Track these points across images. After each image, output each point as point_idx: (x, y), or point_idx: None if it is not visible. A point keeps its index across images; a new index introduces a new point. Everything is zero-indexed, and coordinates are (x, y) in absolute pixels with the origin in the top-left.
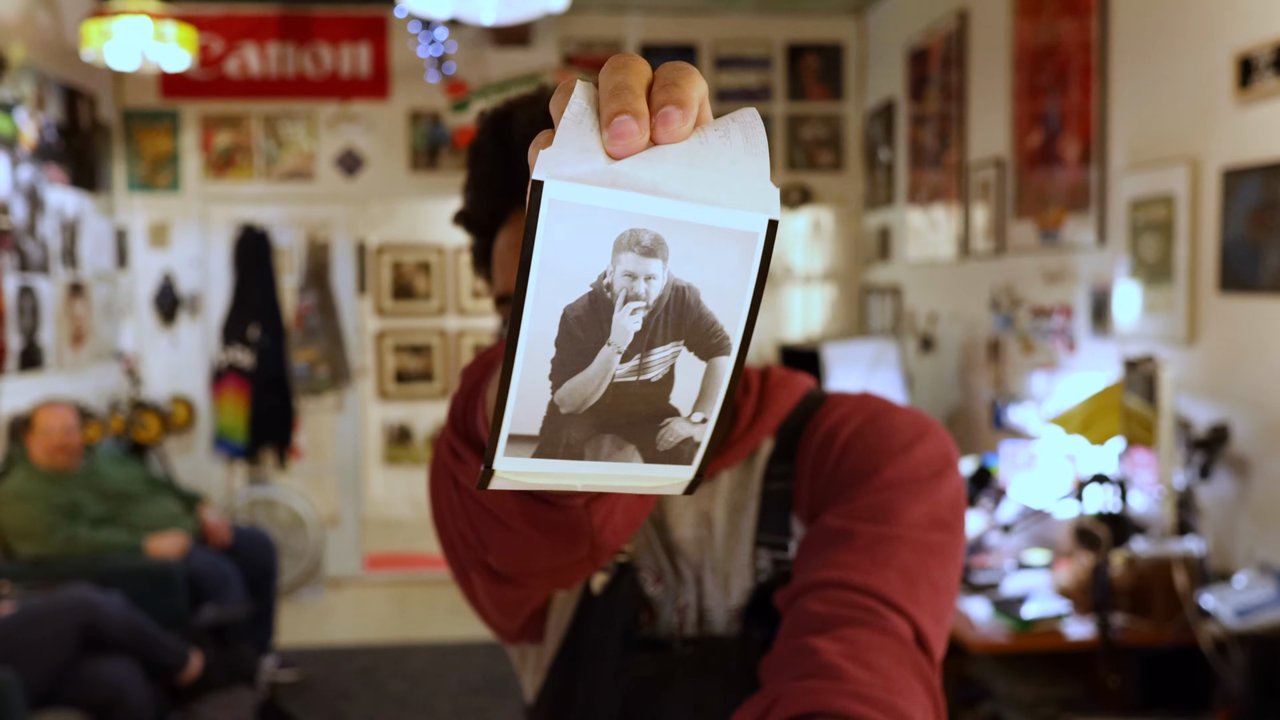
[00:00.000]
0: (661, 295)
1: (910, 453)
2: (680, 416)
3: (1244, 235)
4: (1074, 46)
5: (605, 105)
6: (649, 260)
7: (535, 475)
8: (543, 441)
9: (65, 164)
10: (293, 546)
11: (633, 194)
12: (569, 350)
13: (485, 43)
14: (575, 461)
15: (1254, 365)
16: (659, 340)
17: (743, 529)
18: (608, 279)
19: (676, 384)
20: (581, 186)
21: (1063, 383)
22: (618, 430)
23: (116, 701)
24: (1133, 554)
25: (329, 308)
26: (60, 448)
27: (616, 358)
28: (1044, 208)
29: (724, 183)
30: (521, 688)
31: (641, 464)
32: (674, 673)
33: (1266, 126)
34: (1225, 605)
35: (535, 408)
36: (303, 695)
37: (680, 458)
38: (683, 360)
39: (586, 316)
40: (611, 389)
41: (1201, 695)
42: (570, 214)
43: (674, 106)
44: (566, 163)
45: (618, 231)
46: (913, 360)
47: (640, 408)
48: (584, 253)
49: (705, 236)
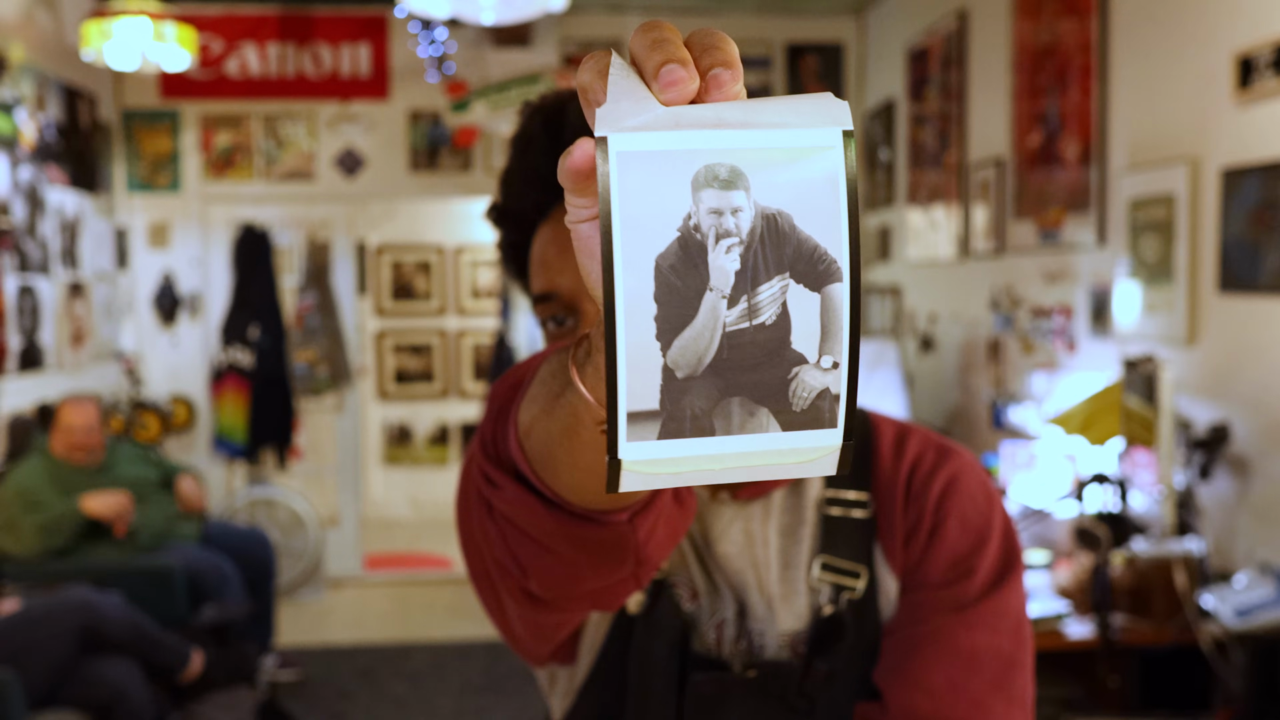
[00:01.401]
0: (753, 226)
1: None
2: (809, 363)
3: (1244, 235)
4: (1074, 46)
5: (649, 58)
6: (731, 193)
7: (668, 464)
8: (666, 417)
9: (65, 164)
10: (293, 546)
11: (699, 131)
12: (671, 304)
13: (485, 43)
14: (707, 439)
15: (1254, 365)
16: (763, 276)
17: (796, 553)
18: (693, 220)
19: (795, 324)
20: (646, 134)
21: (1063, 383)
22: (745, 391)
23: (117, 702)
24: (1133, 554)
25: (329, 308)
26: (80, 445)
27: (723, 303)
28: (1044, 208)
29: (788, 106)
30: (548, 707)
31: (781, 433)
32: (731, 694)
33: (1266, 126)
34: (1225, 605)
35: (649, 376)
36: (303, 695)
37: (821, 419)
38: (794, 295)
39: (680, 263)
40: (725, 341)
41: (1201, 695)
42: (641, 163)
43: (722, 68)
44: (625, 115)
45: (693, 170)
46: (913, 360)
47: (762, 359)
48: (663, 199)
49: (783, 160)
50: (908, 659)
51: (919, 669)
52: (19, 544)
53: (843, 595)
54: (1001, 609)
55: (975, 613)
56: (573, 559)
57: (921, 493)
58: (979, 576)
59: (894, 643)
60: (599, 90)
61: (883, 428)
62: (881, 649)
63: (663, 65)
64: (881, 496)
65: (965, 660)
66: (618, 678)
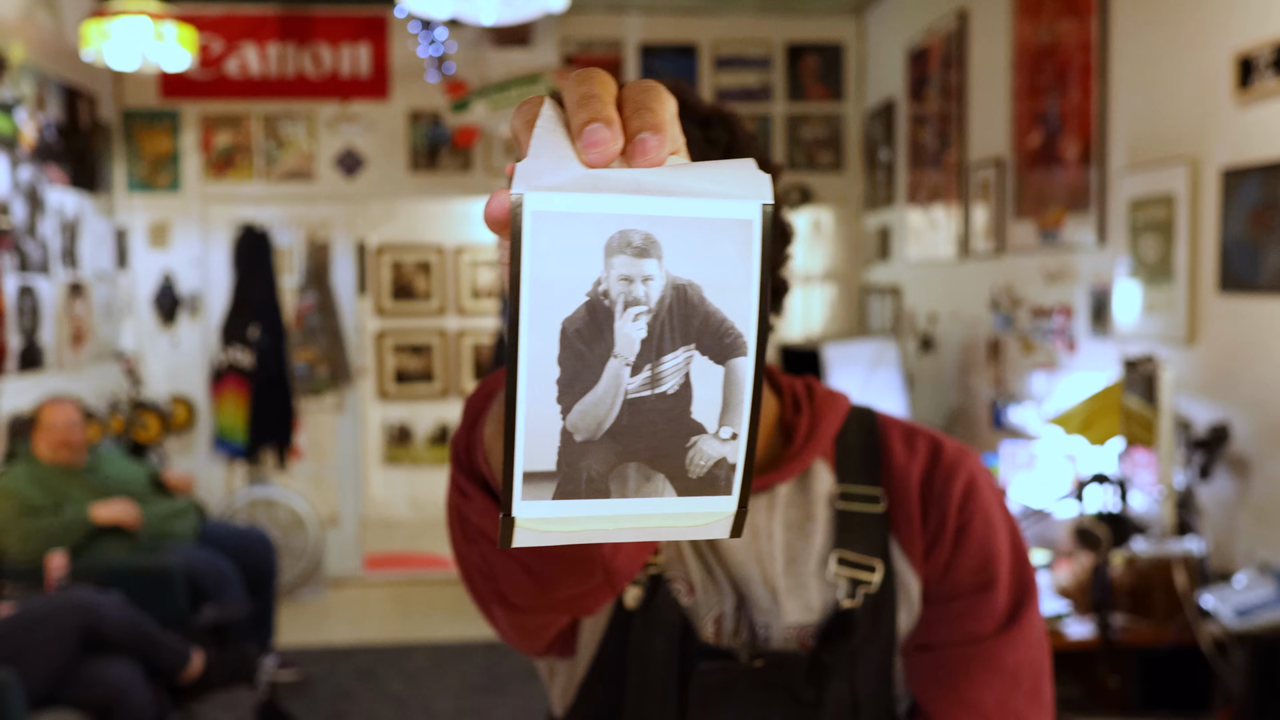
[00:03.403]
0: (663, 296)
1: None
2: (708, 433)
3: (1244, 235)
4: (1074, 46)
5: (575, 115)
6: (643, 260)
7: (561, 523)
8: (562, 478)
9: (65, 164)
10: (293, 546)
11: (617, 196)
12: (574, 367)
13: (485, 43)
14: (602, 501)
15: (1254, 365)
16: (668, 346)
17: (805, 547)
18: (603, 285)
19: (696, 394)
20: (563, 194)
21: (1063, 383)
22: (642, 457)
23: (117, 702)
24: (1133, 554)
25: (329, 308)
26: (64, 443)
27: (626, 370)
28: (1044, 208)
29: (709, 173)
30: (549, 700)
31: (675, 497)
32: (737, 685)
33: (1266, 126)
34: (1225, 605)
35: (547, 438)
36: (303, 695)
37: (716, 486)
38: (698, 366)
39: (587, 328)
40: (626, 407)
41: (1201, 695)
42: (555, 224)
43: (650, 132)
44: (544, 173)
45: (606, 235)
46: (913, 360)
47: (662, 427)
48: (575, 262)
49: (698, 230)
50: (959, 680)
51: (970, 691)
52: (20, 548)
53: (859, 589)
54: (1035, 620)
55: (1018, 630)
56: (541, 569)
57: (943, 492)
58: (1011, 587)
59: (938, 659)
60: (524, 143)
61: (891, 424)
62: (917, 660)
63: (587, 124)
64: (896, 491)
65: (1009, 677)
66: (617, 673)
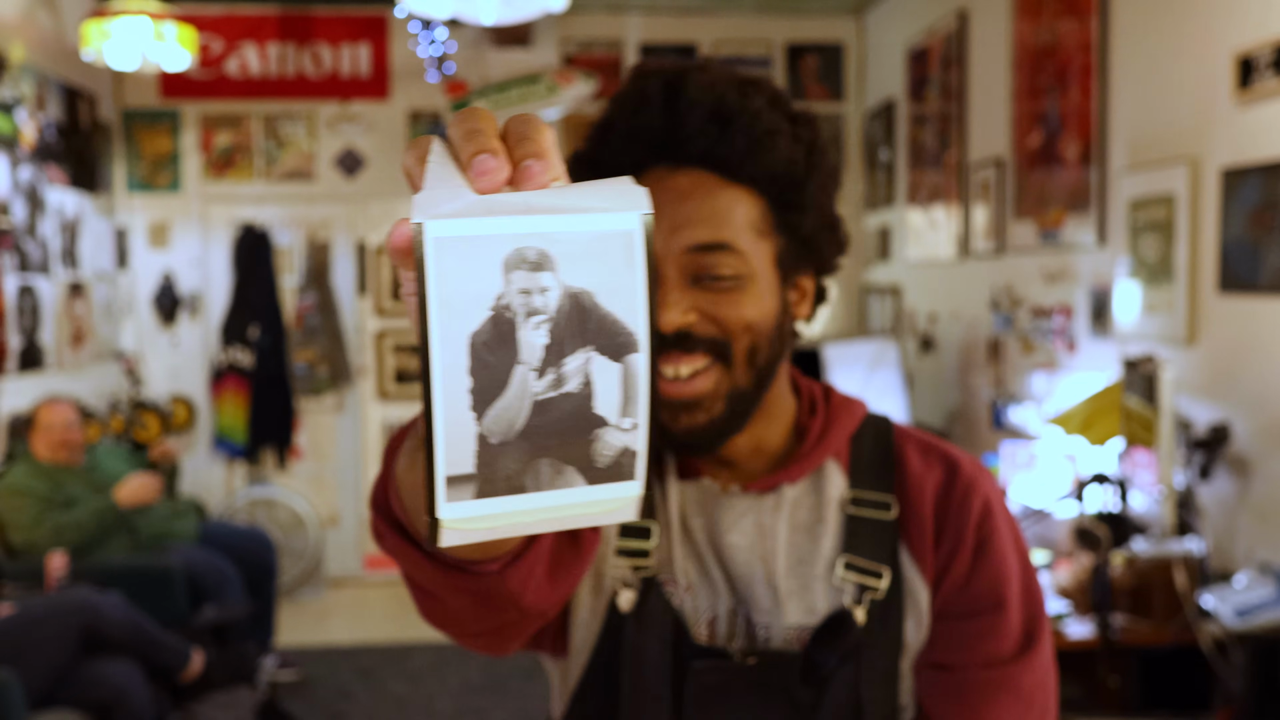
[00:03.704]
0: (559, 304)
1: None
2: (610, 425)
3: (1244, 235)
4: (1074, 46)
5: (463, 149)
6: (539, 274)
7: (483, 520)
8: (481, 480)
9: (65, 164)
10: (293, 546)
11: (509, 217)
12: (484, 377)
13: (485, 43)
14: (519, 496)
15: (1254, 365)
16: (568, 349)
17: (813, 549)
18: (504, 299)
19: (597, 390)
20: (459, 220)
21: (1063, 383)
22: (552, 452)
23: (117, 702)
24: (1133, 554)
25: (329, 308)
26: (62, 443)
27: (532, 375)
28: (1044, 208)
29: (592, 191)
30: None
31: (585, 486)
32: (734, 684)
33: (1266, 127)
34: (1225, 605)
35: (465, 444)
36: (303, 695)
37: (622, 473)
38: (597, 365)
39: (493, 340)
40: (535, 408)
41: (1202, 695)
42: (455, 247)
43: (534, 159)
44: (441, 202)
45: (503, 254)
46: (912, 360)
47: (568, 423)
48: (476, 280)
49: (587, 242)
50: (978, 704)
51: (989, 714)
52: (52, 543)
53: (865, 594)
54: (1049, 644)
55: (1035, 654)
56: (454, 604)
57: (962, 508)
58: (1025, 609)
59: (956, 680)
60: (418, 176)
61: (907, 435)
62: (933, 678)
63: (475, 155)
64: (909, 501)
65: (1025, 700)
66: (612, 676)
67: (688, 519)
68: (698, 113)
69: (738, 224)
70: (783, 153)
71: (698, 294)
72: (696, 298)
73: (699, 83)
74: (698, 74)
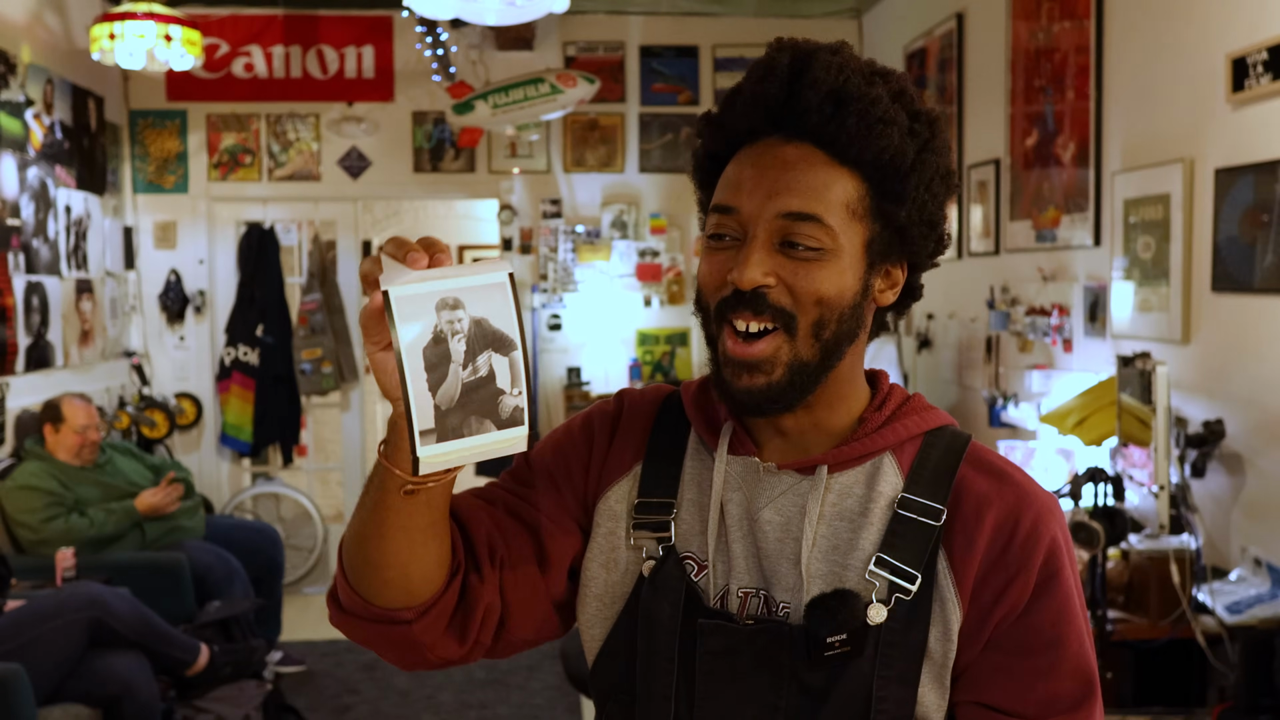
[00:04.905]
0: (469, 328)
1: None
2: (506, 393)
3: (1237, 235)
4: (1070, 48)
5: (400, 251)
6: (456, 310)
7: (445, 454)
8: (439, 430)
9: (73, 164)
10: (298, 542)
11: (436, 281)
12: (434, 372)
13: (488, 44)
14: (461, 439)
15: (1247, 363)
16: (477, 352)
17: (853, 540)
18: (439, 327)
19: (496, 374)
20: (409, 285)
21: (1059, 381)
22: (476, 412)
23: (124, 696)
24: (1128, 549)
25: (334, 306)
26: (85, 444)
27: (460, 369)
28: (1040, 208)
29: (479, 264)
30: None
31: (496, 431)
32: (741, 654)
33: (1259, 127)
34: (1219, 600)
35: (427, 410)
36: (308, 689)
37: (516, 420)
38: (495, 360)
39: (435, 351)
40: (464, 388)
41: (1196, 690)
42: (409, 300)
43: (441, 253)
44: (395, 278)
45: (435, 301)
46: (911, 358)
47: (483, 394)
48: (422, 317)
49: (480, 291)
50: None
51: None
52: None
53: (894, 594)
54: (1100, 701)
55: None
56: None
57: (1030, 538)
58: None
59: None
60: (378, 270)
61: (985, 456)
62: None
63: (409, 252)
64: (964, 514)
65: None
66: (632, 636)
67: (727, 493)
68: (818, 90)
69: (832, 200)
70: (892, 142)
71: (781, 259)
72: (779, 262)
73: (826, 63)
74: (828, 55)
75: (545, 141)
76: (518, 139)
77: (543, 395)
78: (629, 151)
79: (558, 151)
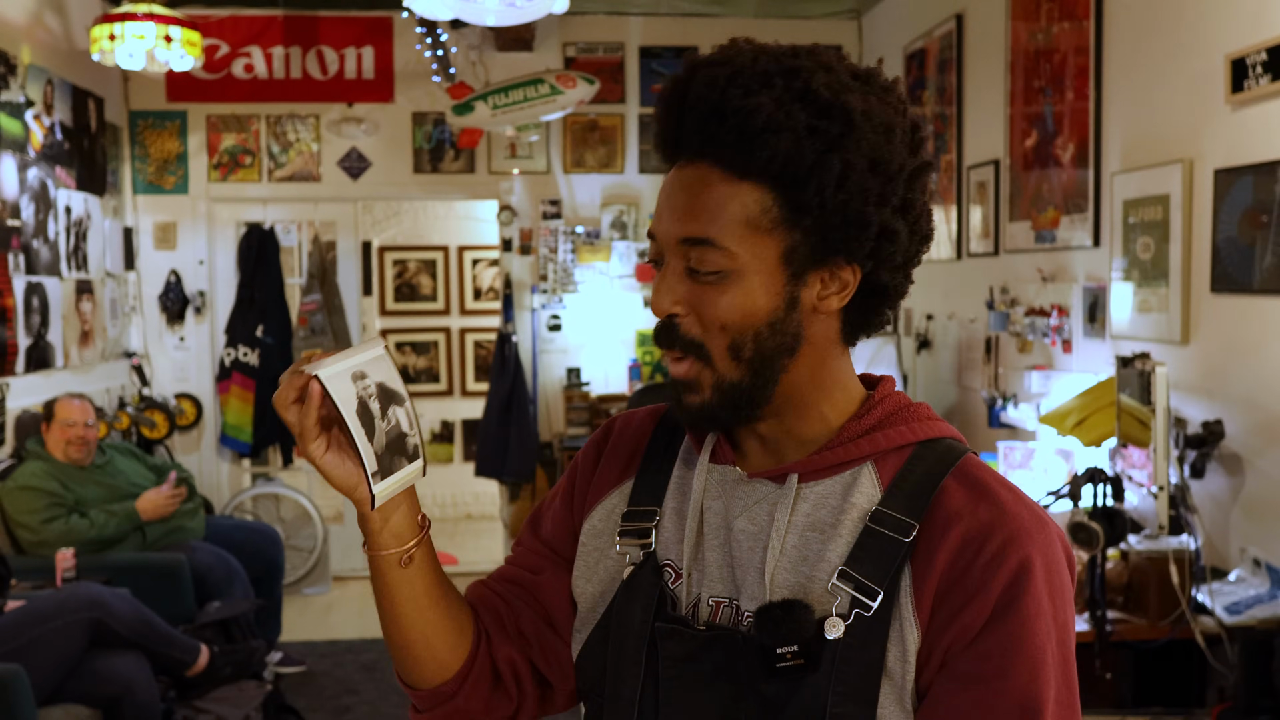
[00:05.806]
0: (378, 390)
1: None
2: (408, 435)
3: (1237, 236)
4: (1070, 49)
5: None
6: (364, 379)
7: (388, 486)
8: (381, 470)
9: (73, 165)
10: (298, 543)
11: (341, 362)
12: (369, 429)
13: (488, 45)
14: (394, 475)
15: (1246, 364)
16: (387, 407)
17: (820, 551)
18: (359, 394)
19: (402, 422)
20: (329, 369)
21: (1058, 381)
22: (398, 452)
23: (124, 696)
24: (1127, 550)
25: (334, 307)
26: (80, 441)
27: (381, 421)
28: (1040, 209)
29: (364, 345)
30: None
31: (408, 464)
32: (700, 661)
33: (1259, 128)
34: (1218, 601)
35: (371, 458)
36: (308, 689)
37: (418, 454)
38: (399, 411)
39: (363, 413)
40: (385, 434)
41: (1195, 690)
42: (335, 379)
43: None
44: (322, 368)
45: (350, 375)
46: (910, 359)
47: (396, 438)
48: (347, 389)
49: (372, 362)
50: None
51: None
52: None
53: (854, 609)
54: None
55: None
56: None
57: (995, 559)
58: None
59: None
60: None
61: (974, 473)
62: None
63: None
64: (933, 531)
65: None
66: (606, 643)
67: (707, 501)
68: (698, 110)
69: (728, 220)
70: (780, 149)
71: (690, 284)
72: (689, 288)
73: (707, 79)
74: (712, 69)
75: (545, 142)
76: (517, 140)
77: (543, 396)
78: (629, 152)
79: (557, 152)
